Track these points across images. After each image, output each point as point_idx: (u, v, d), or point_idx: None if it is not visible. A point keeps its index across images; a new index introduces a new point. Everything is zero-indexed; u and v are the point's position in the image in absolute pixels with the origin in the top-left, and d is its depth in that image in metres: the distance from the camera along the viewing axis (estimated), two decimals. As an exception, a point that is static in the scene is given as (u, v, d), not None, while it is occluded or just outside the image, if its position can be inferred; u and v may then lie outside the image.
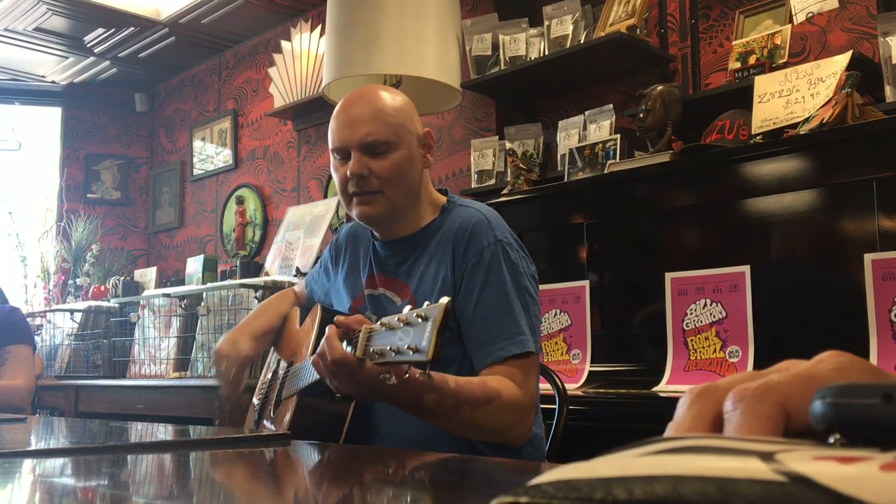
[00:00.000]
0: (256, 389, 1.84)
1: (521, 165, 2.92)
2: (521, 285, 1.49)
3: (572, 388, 2.25)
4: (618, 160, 2.59)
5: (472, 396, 1.32)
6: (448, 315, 1.05)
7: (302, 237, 3.53)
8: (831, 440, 0.28)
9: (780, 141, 2.12)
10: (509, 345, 1.43)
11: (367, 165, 1.51)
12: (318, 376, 1.32)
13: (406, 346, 1.06)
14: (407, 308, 1.11)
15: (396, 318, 1.11)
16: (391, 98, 1.57)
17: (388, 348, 1.10)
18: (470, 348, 1.48)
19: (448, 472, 0.95)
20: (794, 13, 2.44)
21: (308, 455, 1.12)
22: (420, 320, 1.06)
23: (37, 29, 4.57)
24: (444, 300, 1.06)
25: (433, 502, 0.75)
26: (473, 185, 3.20)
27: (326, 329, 1.27)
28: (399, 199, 1.55)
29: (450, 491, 0.83)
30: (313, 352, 1.36)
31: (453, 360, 1.48)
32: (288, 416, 1.47)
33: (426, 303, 1.09)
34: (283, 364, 1.71)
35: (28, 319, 3.19)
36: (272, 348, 1.84)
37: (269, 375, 1.78)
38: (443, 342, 1.03)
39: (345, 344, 1.24)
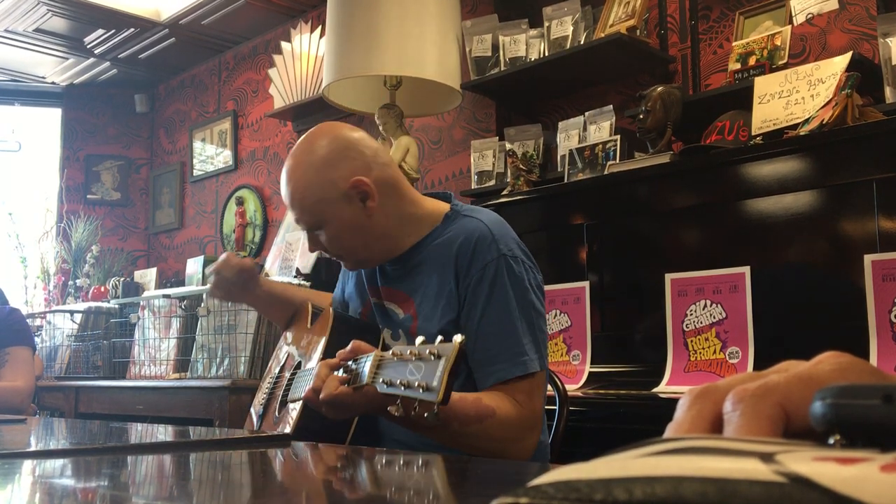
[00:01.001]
0: (260, 388, 1.85)
1: (521, 166, 2.92)
2: (526, 301, 1.46)
3: (572, 389, 2.25)
4: (618, 161, 2.60)
5: (462, 413, 1.30)
6: (461, 355, 1.02)
7: (302, 238, 3.52)
8: (831, 441, 0.28)
9: (780, 142, 2.12)
10: (511, 367, 1.40)
11: (317, 241, 1.55)
12: None
13: (416, 383, 1.03)
14: (419, 340, 1.09)
15: (409, 351, 1.08)
16: (300, 173, 1.51)
17: (398, 381, 1.07)
18: (472, 366, 1.45)
19: (448, 473, 0.95)
20: (794, 14, 2.44)
21: (308, 456, 1.12)
22: (432, 357, 1.03)
23: (37, 30, 4.57)
24: (458, 339, 1.03)
25: (433, 502, 0.75)
26: (473, 186, 3.20)
27: (318, 366, 1.28)
28: (362, 252, 1.55)
29: (450, 491, 0.83)
30: (322, 359, 1.36)
31: (458, 374, 1.47)
32: (294, 419, 1.47)
33: (439, 338, 1.06)
34: (290, 360, 1.71)
35: (28, 320, 3.19)
36: (282, 339, 1.84)
37: (276, 370, 1.77)
38: (454, 383, 1.01)
39: (352, 364, 1.23)
